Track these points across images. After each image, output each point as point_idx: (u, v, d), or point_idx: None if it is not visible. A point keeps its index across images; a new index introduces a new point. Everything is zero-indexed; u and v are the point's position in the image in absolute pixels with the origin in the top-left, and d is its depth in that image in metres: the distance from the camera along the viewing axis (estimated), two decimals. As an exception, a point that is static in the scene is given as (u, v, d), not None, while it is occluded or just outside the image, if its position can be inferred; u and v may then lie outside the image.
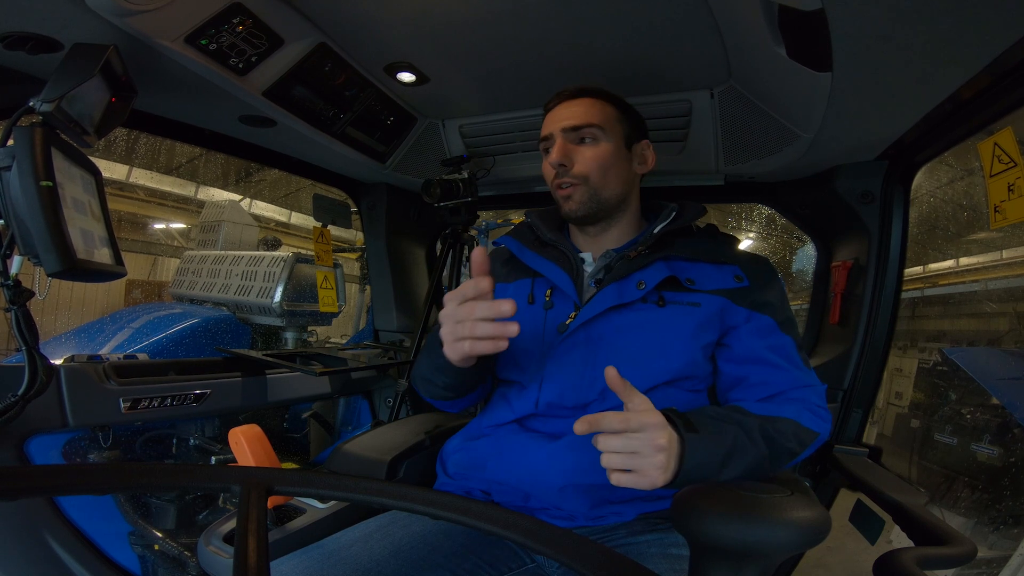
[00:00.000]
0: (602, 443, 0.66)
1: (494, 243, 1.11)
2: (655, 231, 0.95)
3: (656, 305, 0.88)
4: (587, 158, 0.92)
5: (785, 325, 0.89)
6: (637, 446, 0.65)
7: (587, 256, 0.98)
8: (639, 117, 1.01)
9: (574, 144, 0.93)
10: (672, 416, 0.70)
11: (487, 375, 0.96)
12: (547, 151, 0.97)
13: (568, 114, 0.94)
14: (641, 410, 0.67)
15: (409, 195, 1.92)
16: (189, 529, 1.45)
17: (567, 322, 0.89)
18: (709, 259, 0.91)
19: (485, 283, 0.67)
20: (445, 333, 0.72)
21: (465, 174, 1.62)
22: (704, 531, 0.58)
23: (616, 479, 0.66)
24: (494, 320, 0.67)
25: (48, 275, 0.87)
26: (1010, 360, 3.26)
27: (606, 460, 0.66)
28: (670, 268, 0.89)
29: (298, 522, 0.99)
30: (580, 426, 0.66)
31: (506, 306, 0.65)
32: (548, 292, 0.94)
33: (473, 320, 0.68)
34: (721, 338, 0.90)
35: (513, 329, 0.67)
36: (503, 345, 0.68)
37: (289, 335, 2.70)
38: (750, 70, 1.11)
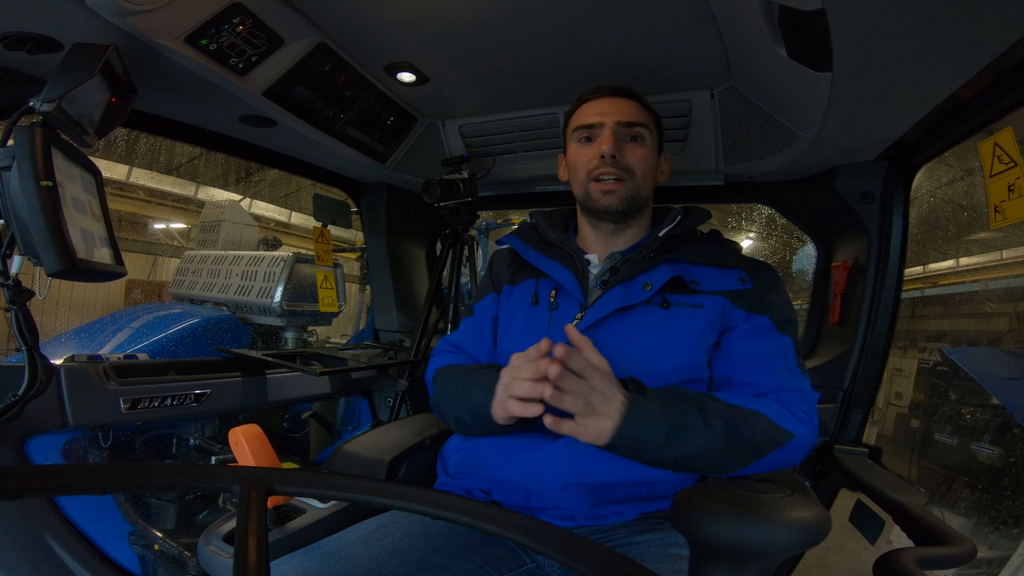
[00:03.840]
0: (566, 382, 0.69)
1: (497, 243, 1.11)
2: (660, 234, 0.95)
3: (660, 307, 0.88)
4: (637, 155, 0.94)
5: (783, 325, 0.89)
6: (588, 389, 0.69)
7: (592, 258, 0.98)
8: (663, 130, 1.04)
9: (623, 140, 0.94)
10: (628, 381, 0.73)
11: None
12: (586, 140, 0.96)
13: (621, 109, 0.95)
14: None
15: (409, 195, 1.92)
16: (189, 529, 1.45)
17: (574, 323, 0.89)
18: (714, 263, 0.91)
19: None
20: (500, 387, 0.77)
21: (465, 174, 1.62)
22: (704, 531, 0.58)
23: (557, 424, 0.69)
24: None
25: (48, 275, 0.87)
26: (1010, 360, 3.26)
27: (559, 399, 0.68)
28: (675, 270, 0.89)
29: (298, 522, 0.99)
30: (559, 350, 0.69)
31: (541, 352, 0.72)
32: (553, 293, 0.94)
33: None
34: (718, 338, 0.90)
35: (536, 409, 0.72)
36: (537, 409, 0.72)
37: (289, 335, 2.70)
38: (750, 70, 1.11)
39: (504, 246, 1.07)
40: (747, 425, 0.76)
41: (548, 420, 0.69)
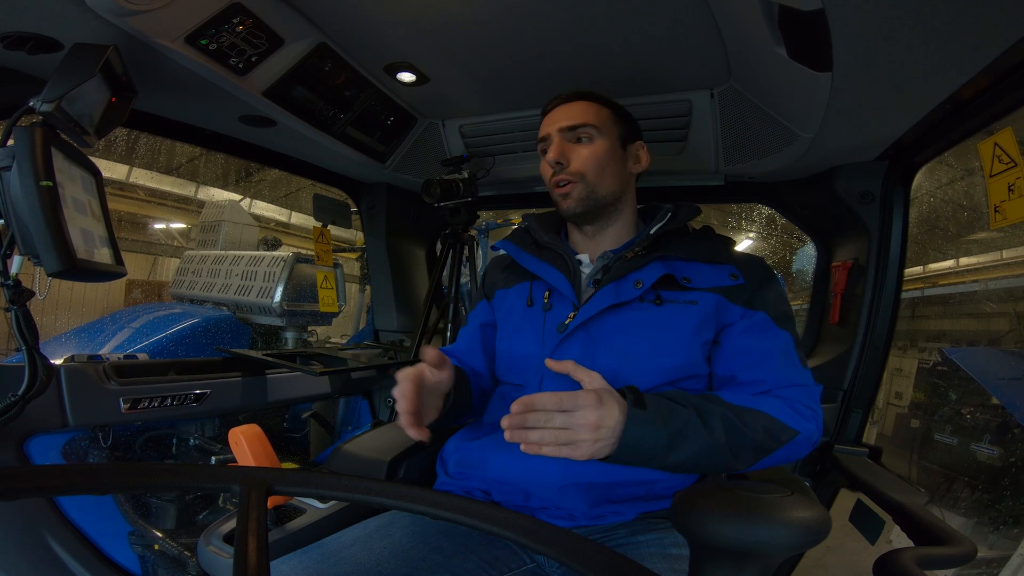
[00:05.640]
0: (537, 420, 0.67)
1: (492, 247, 1.12)
2: (651, 232, 0.95)
3: (653, 304, 0.88)
4: (583, 156, 0.94)
5: (781, 320, 0.89)
6: (571, 423, 0.67)
7: (584, 258, 0.99)
8: (632, 119, 1.03)
9: (571, 143, 0.95)
10: (626, 392, 0.72)
11: (464, 407, 0.94)
12: (545, 152, 0.98)
13: (564, 115, 0.96)
14: (583, 390, 0.70)
15: (409, 195, 1.92)
16: (189, 529, 1.45)
17: (566, 322, 0.89)
18: (705, 259, 0.92)
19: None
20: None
21: (465, 174, 1.62)
22: (704, 531, 0.58)
23: (549, 451, 0.67)
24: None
25: (48, 275, 0.87)
26: (1010, 360, 3.26)
27: (538, 436, 0.66)
28: (667, 267, 0.89)
29: (298, 522, 0.99)
30: (516, 407, 0.66)
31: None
32: (546, 294, 0.95)
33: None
34: (716, 336, 0.90)
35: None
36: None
37: (289, 335, 2.70)
38: (750, 70, 1.11)
39: (500, 251, 1.08)
40: (749, 425, 0.76)
41: (545, 451, 0.67)
